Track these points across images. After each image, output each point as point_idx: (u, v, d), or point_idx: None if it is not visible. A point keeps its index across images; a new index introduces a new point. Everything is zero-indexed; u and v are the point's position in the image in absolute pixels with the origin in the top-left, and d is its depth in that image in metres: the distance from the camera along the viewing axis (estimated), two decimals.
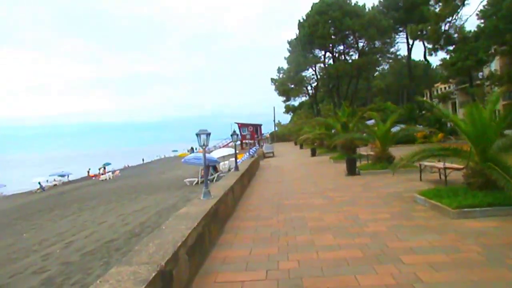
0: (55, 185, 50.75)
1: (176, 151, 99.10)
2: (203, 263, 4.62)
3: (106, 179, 45.59)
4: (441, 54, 40.31)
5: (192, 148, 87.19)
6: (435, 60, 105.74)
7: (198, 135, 6.24)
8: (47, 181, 53.77)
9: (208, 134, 6.25)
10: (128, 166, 71.22)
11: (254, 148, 26.29)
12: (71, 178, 57.93)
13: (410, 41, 49.43)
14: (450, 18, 35.26)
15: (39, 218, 16.22)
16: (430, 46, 39.64)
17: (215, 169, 21.76)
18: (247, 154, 22.11)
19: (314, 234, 5.72)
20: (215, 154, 23.38)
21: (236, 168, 11.54)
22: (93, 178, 52.80)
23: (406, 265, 4.15)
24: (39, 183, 46.81)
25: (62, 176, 56.88)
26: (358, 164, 13.93)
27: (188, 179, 20.90)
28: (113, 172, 53.49)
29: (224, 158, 24.28)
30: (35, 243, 10.32)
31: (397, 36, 55.30)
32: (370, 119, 23.04)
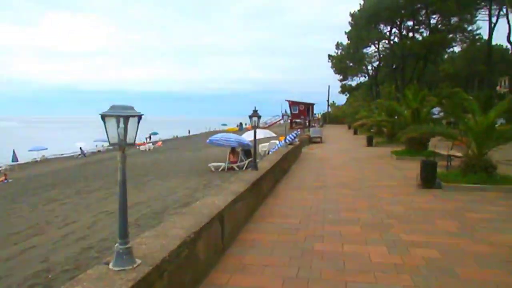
0: (98, 151, 50.31)
1: (226, 124, 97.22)
2: None
3: (145, 150, 43.92)
4: None
5: (240, 123, 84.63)
6: None
7: (104, 117, 2.53)
8: (96, 145, 53.58)
9: (130, 117, 2.52)
10: (177, 137, 70.28)
11: (294, 133, 22.12)
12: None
13: (494, 19, 41.79)
14: None
15: (36, 196, 13.69)
16: None
17: (247, 154, 18.15)
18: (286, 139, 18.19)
19: None
20: (248, 136, 19.61)
21: (255, 166, 7.73)
22: (137, 147, 51.62)
23: None
24: (80, 148, 46.43)
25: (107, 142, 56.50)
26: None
27: (213, 164, 17.54)
28: (154, 143, 52.01)
29: (260, 141, 20.52)
30: None
31: (477, 14, 47.36)
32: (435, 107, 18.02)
